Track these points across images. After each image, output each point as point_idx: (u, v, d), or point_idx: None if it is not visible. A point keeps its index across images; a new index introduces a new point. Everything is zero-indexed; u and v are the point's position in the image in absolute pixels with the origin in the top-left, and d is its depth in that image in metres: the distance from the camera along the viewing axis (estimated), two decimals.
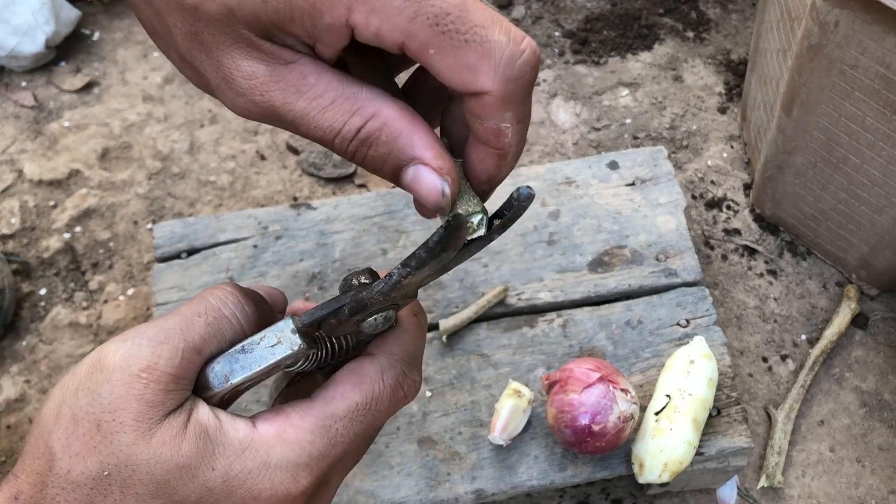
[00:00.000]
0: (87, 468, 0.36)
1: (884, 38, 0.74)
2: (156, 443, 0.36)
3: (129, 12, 1.33)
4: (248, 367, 0.39)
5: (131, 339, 0.38)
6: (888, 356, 1.00)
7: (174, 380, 0.37)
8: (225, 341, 0.39)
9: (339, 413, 0.40)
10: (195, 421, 0.37)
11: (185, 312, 0.39)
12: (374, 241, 0.93)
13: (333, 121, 0.36)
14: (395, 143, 0.36)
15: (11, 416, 0.97)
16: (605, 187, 0.97)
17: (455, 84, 0.34)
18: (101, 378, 0.37)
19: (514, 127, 0.36)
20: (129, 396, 0.36)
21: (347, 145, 0.36)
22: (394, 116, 0.36)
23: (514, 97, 0.35)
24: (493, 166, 0.37)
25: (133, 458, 0.36)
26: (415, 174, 0.37)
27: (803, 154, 0.94)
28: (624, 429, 0.74)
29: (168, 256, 0.93)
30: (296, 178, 1.15)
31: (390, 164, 0.37)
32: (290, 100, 0.35)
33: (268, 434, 0.38)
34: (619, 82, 1.24)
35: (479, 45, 0.33)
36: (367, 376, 0.41)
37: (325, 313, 0.39)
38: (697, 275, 0.91)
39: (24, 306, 1.05)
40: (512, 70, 0.34)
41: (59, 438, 0.36)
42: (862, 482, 0.93)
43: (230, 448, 0.37)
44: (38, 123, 1.21)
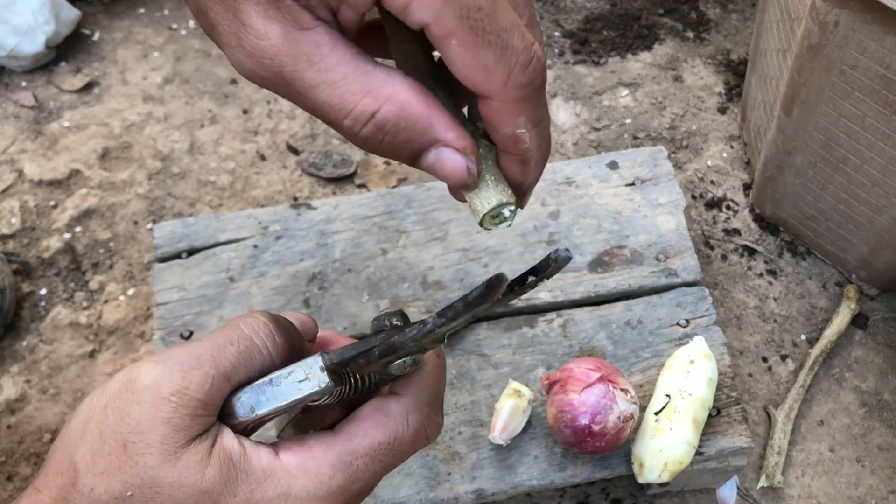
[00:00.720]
0: (111, 487, 0.36)
1: (884, 38, 0.74)
2: (181, 467, 0.36)
3: (129, 12, 1.33)
4: (274, 400, 0.39)
5: (163, 361, 0.38)
6: (888, 356, 1.00)
7: (202, 406, 0.37)
8: (254, 370, 0.40)
9: (361, 450, 0.40)
10: (220, 447, 0.37)
11: (218, 339, 0.39)
12: (374, 241, 0.93)
13: (344, 99, 0.34)
14: (414, 128, 0.35)
15: (11, 417, 0.97)
16: (605, 187, 0.97)
17: (466, 80, 0.34)
18: (131, 399, 0.37)
19: (532, 131, 0.36)
20: (157, 419, 0.36)
21: (360, 129, 0.35)
22: (410, 99, 0.35)
23: (525, 101, 0.34)
24: (519, 173, 0.37)
25: (157, 480, 0.36)
26: (437, 156, 0.36)
27: (803, 154, 0.94)
28: (624, 429, 0.75)
29: (168, 256, 0.93)
30: (296, 178, 1.15)
31: (409, 149, 0.36)
32: (299, 68, 0.34)
33: (290, 464, 0.39)
34: (619, 82, 1.24)
35: (500, 49, 0.33)
36: (392, 416, 0.41)
37: (355, 354, 0.39)
38: (697, 275, 0.91)
39: (25, 306, 1.05)
40: (523, 76, 0.34)
41: (85, 455, 0.37)
42: (862, 482, 0.93)
43: (252, 476, 0.38)
44: (39, 123, 1.21)
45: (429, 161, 0.36)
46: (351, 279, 0.91)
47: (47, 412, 0.97)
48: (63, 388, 0.99)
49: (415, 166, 0.37)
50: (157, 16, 1.33)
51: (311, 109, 0.35)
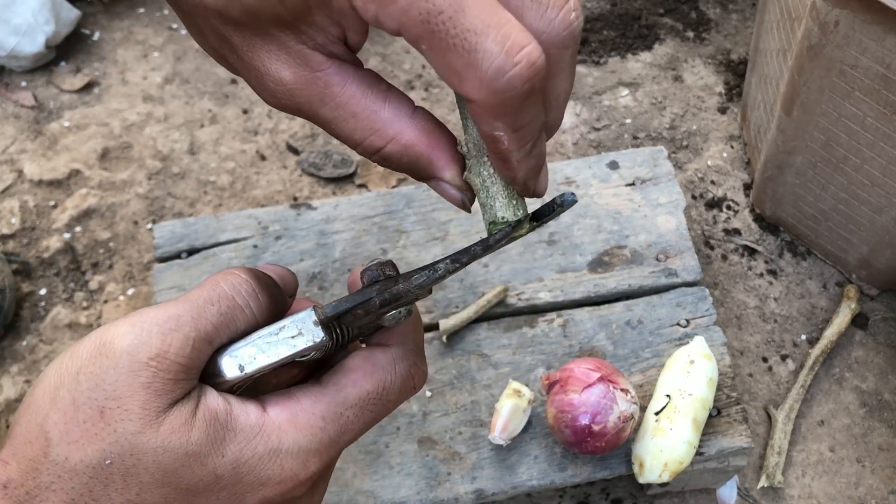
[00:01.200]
0: (87, 456, 0.35)
1: (884, 38, 0.74)
2: (164, 431, 0.35)
3: (129, 12, 1.33)
4: (265, 357, 0.38)
5: (140, 324, 0.37)
6: (888, 356, 1.00)
7: (184, 370, 0.36)
8: (237, 331, 0.39)
9: (350, 401, 0.39)
10: (205, 407, 0.36)
11: (197, 299, 0.38)
12: (374, 241, 0.93)
13: (353, 134, 0.37)
14: (416, 164, 0.37)
15: (11, 416, 0.97)
16: (605, 187, 0.97)
17: (446, 82, 0.34)
18: (107, 364, 0.36)
19: (511, 135, 0.34)
20: (136, 384, 0.35)
21: (371, 156, 0.38)
22: (413, 140, 0.37)
23: (501, 109, 0.33)
24: (504, 170, 0.37)
25: (139, 446, 0.35)
26: (436, 186, 0.39)
27: (803, 154, 0.94)
28: (624, 429, 0.74)
29: (168, 256, 0.93)
30: (296, 178, 1.15)
31: (414, 175, 0.39)
32: (314, 107, 0.36)
33: (279, 419, 0.38)
34: (619, 82, 1.24)
35: (466, 52, 0.31)
36: (380, 366, 0.41)
37: (351, 305, 0.38)
38: (697, 275, 0.91)
39: (24, 306, 1.05)
40: (499, 83, 0.31)
41: (57, 424, 0.35)
42: (862, 482, 0.93)
43: (241, 433, 0.37)
44: (38, 123, 1.21)
45: (432, 185, 0.39)
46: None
47: None
48: None
49: None
50: (157, 16, 1.33)
51: (334, 136, 0.38)
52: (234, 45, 0.36)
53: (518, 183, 0.37)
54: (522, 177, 0.37)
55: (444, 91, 1.24)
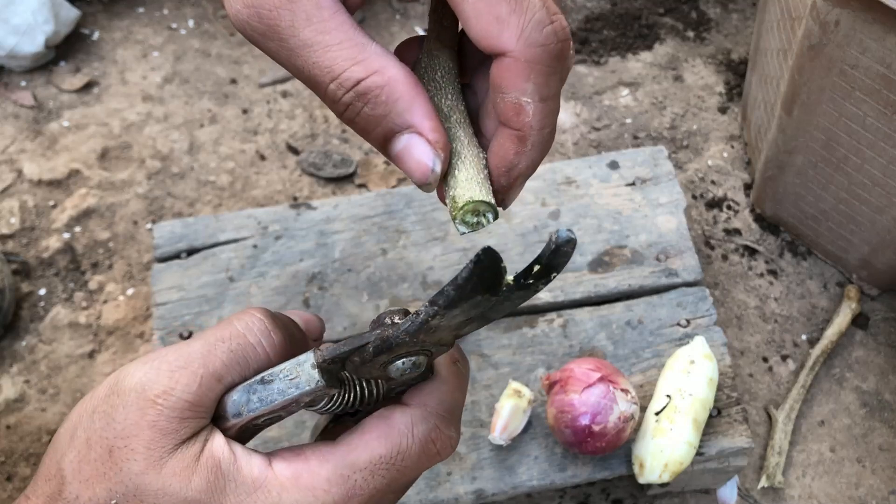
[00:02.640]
0: (96, 495, 0.35)
1: (884, 38, 0.74)
2: (166, 474, 0.35)
3: (128, 12, 1.33)
4: (265, 400, 0.37)
5: (151, 362, 0.37)
6: (889, 356, 1.00)
7: (190, 407, 0.36)
8: (249, 369, 0.38)
9: (359, 463, 0.37)
10: (208, 453, 0.36)
11: (209, 337, 0.38)
12: (374, 241, 0.93)
13: (334, 62, 0.34)
14: (395, 104, 0.34)
15: (11, 416, 0.97)
16: (605, 187, 0.96)
17: (479, 35, 0.33)
18: (118, 402, 0.36)
19: (536, 105, 0.34)
20: (142, 423, 0.35)
21: (342, 94, 0.34)
22: (398, 77, 0.34)
23: (536, 65, 0.33)
24: (512, 152, 0.35)
25: (141, 487, 0.35)
26: (407, 143, 0.35)
27: (804, 154, 0.94)
28: (624, 429, 0.74)
29: (168, 256, 0.93)
30: (295, 178, 1.15)
31: (384, 126, 0.35)
32: (297, 24, 0.33)
33: (282, 475, 0.36)
34: (620, 82, 1.24)
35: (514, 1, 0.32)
36: (396, 427, 0.38)
37: (346, 350, 0.37)
38: (698, 275, 0.90)
39: (24, 306, 1.05)
40: (539, 35, 0.32)
41: (72, 462, 0.36)
42: (862, 482, 0.93)
43: (241, 486, 0.36)
44: (38, 123, 1.21)
45: (398, 147, 0.35)
46: (351, 279, 0.91)
47: (47, 412, 0.97)
48: (62, 389, 0.99)
49: (384, 152, 0.36)
50: (157, 15, 1.33)
51: (299, 69, 0.35)
52: None
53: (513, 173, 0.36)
54: (522, 167, 0.36)
55: None
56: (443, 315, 0.33)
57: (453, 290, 0.32)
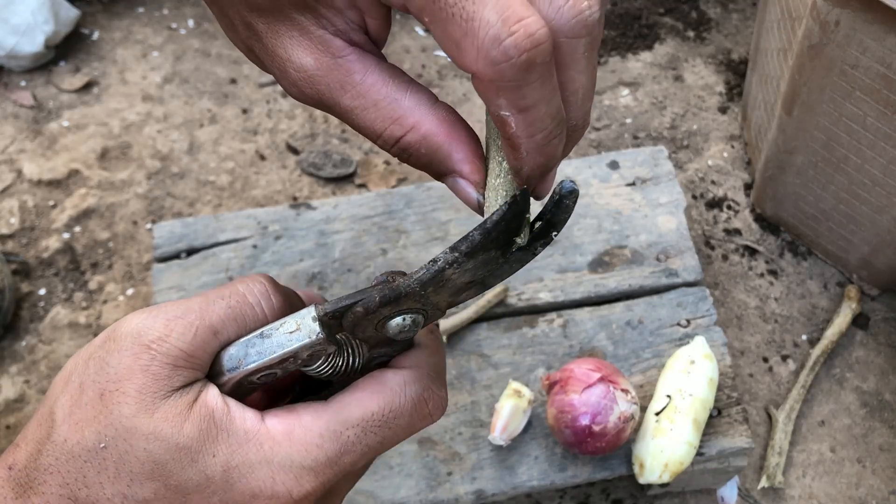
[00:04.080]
0: (85, 438, 0.35)
1: (884, 38, 0.74)
2: (157, 418, 0.35)
3: (128, 12, 1.33)
4: (263, 353, 0.37)
5: (149, 311, 0.37)
6: (889, 356, 1.00)
7: (184, 356, 0.36)
8: (245, 327, 0.38)
9: (352, 420, 0.38)
10: (202, 402, 0.36)
11: (210, 294, 0.38)
12: (373, 241, 0.93)
13: (374, 124, 0.36)
14: (434, 155, 0.37)
15: (11, 416, 0.97)
16: (605, 187, 0.96)
17: (449, 56, 0.33)
18: (112, 347, 0.36)
19: (516, 117, 0.33)
20: (135, 367, 0.35)
21: (390, 148, 0.37)
22: (433, 130, 0.36)
23: (502, 83, 0.32)
24: (513, 158, 0.36)
25: (132, 431, 0.35)
26: (453, 184, 0.37)
27: (804, 154, 0.94)
28: (624, 429, 0.74)
29: (167, 256, 0.93)
30: (295, 178, 1.15)
31: (431, 171, 0.38)
32: (335, 95, 0.36)
33: (275, 430, 0.37)
34: (620, 82, 1.24)
35: (464, 21, 0.31)
36: (388, 386, 0.39)
37: (351, 302, 0.37)
38: (698, 275, 0.90)
39: (24, 306, 1.05)
40: (496, 52, 0.31)
41: (63, 406, 0.36)
42: (863, 482, 0.93)
43: (234, 436, 0.36)
44: (38, 123, 1.20)
45: (449, 184, 0.38)
46: (351, 279, 0.91)
47: None
48: None
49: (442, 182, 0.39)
50: (157, 15, 1.33)
51: (353, 127, 0.37)
52: (259, 33, 0.36)
53: (522, 177, 0.36)
54: (528, 171, 0.36)
55: (445, 91, 1.24)
56: (460, 263, 0.33)
57: (479, 235, 0.32)
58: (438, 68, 1.27)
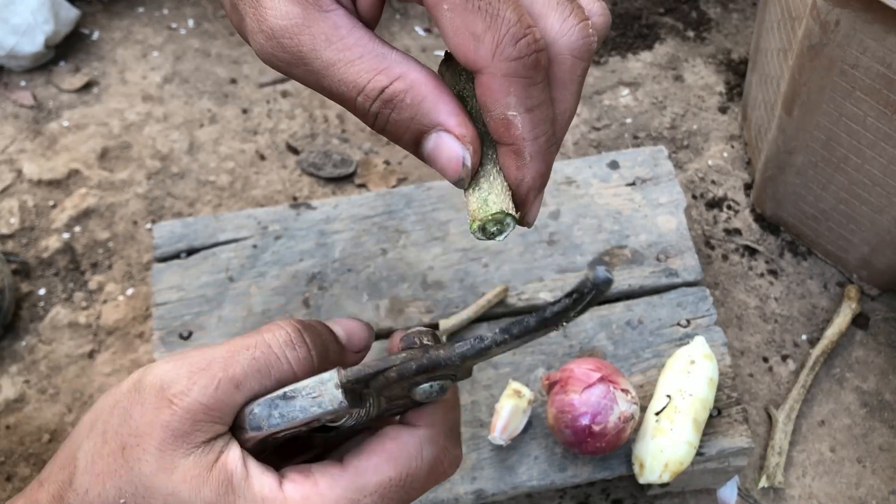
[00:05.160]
0: (105, 491, 0.35)
1: (884, 38, 0.74)
2: (177, 479, 0.35)
3: (128, 12, 1.33)
4: (286, 416, 0.36)
5: (174, 361, 0.37)
6: (889, 356, 1.00)
7: (205, 410, 0.36)
8: (270, 379, 0.38)
9: (370, 487, 0.37)
10: (221, 465, 0.36)
11: (235, 344, 0.38)
12: (374, 241, 0.93)
13: (358, 76, 0.35)
14: (420, 106, 0.35)
15: (11, 416, 0.97)
16: (605, 187, 0.96)
17: (457, 50, 0.34)
18: (137, 399, 0.36)
19: (523, 116, 0.34)
20: (156, 423, 0.35)
21: (370, 105, 0.36)
22: (420, 80, 0.35)
23: (515, 78, 0.33)
24: (514, 168, 0.36)
25: (151, 490, 0.35)
26: (436, 141, 0.36)
27: (804, 154, 0.94)
28: (624, 429, 0.74)
29: (167, 256, 0.93)
30: (295, 177, 1.15)
31: (412, 129, 0.36)
32: (318, 47, 0.35)
33: (292, 497, 0.36)
34: (620, 82, 1.24)
35: (489, 15, 0.32)
36: (405, 450, 0.38)
37: (371, 372, 0.36)
38: (698, 275, 0.90)
39: (24, 306, 1.05)
40: (513, 49, 0.32)
41: (86, 454, 0.36)
42: (863, 482, 0.93)
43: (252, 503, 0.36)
44: (38, 123, 1.20)
45: (429, 147, 0.36)
46: (351, 279, 0.91)
47: (46, 412, 0.97)
48: (62, 389, 0.99)
49: (417, 155, 0.37)
50: (157, 15, 1.33)
51: (326, 88, 0.36)
52: None
53: (522, 188, 0.36)
54: (529, 181, 0.36)
55: None
56: (507, 343, 0.33)
57: (535, 322, 0.31)
58: None
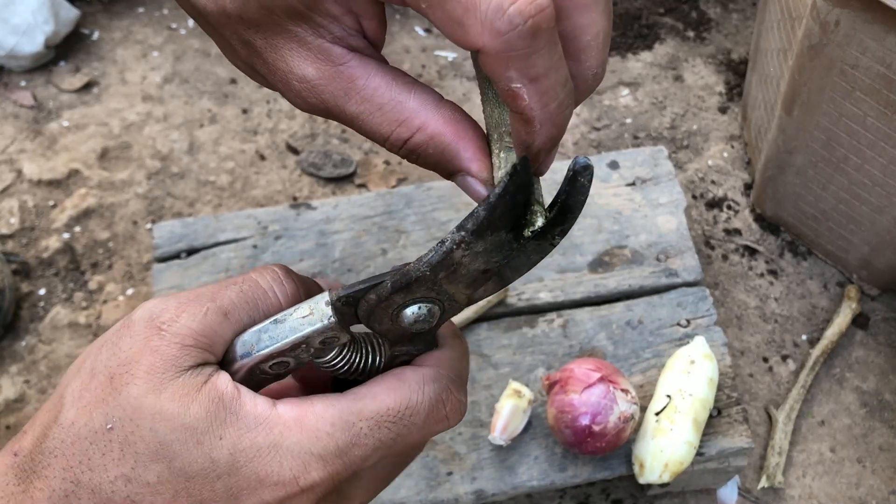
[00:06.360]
0: (91, 419, 0.35)
1: (884, 38, 0.74)
2: (164, 398, 0.35)
3: (128, 12, 1.33)
4: (275, 338, 0.36)
5: (162, 297, 0.37)
6: (889, 356, 1.00)
7: (193, 335, 0.36)
8: (258, 311, 0.38)
9: (366, 412, 0.37)
10: (211, 385, 0.36)
11: (224, 281, 0.38)
12: (373, 241, 0.93)
13: (380, 128, 0.36)
14: (443, 155, 0.37)
15: (11, 417, 0.97)
16: (605, 187, 0.96)
17: (451, 39, 0.33)
18: (125, 332, 0.36)
19: (528, 87, 0.33)
20: (145, 349, 0.35)
21: (398, 150, 0.37)
22: (440, 130, 0.36)
23: (511, 53, 0.31)
24: (523, 132, 0.35)
25: (139, 410, 0.34)
26: (462, 182, 0.38)
27: (804, 154, 0.94)
28: (624, 429, 0.74)
29: (167, 256, 0.93)
30: (295, 177, 1.15)
31: (440, 170, 0.38)
32: (340, 102, 0.36)
33: (286, 416, 0.36)
34: (620, 82, 1.24)
35: None
36: (406, 382, 0.38)
37: (362, 288, 0.36)
38: (698, 275, 0.90)
39: (24, 306, 1.05)
40: (500, 22, 0.30)
41: (73, 390, 0.36)
42: (862, 482, 0.93)
43: (243, 420, 0.35)
44: (38, 123, 1.20)
45: (459, 183, 0.38)
46: (351, 279, 0.91)
47: None
48: None
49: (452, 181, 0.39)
50: (157, 15, 1.33)
51: (362, 133, 0.37)
52: (258, 49, 0.36)
53: (531, 150, 0.35)
54: (539, 144, 0.35)
55: (445, 91, 1.24)
56: (468, 244, 0.32)
57: (484, 210, 0.31)
58: (438, 68, 1.27)
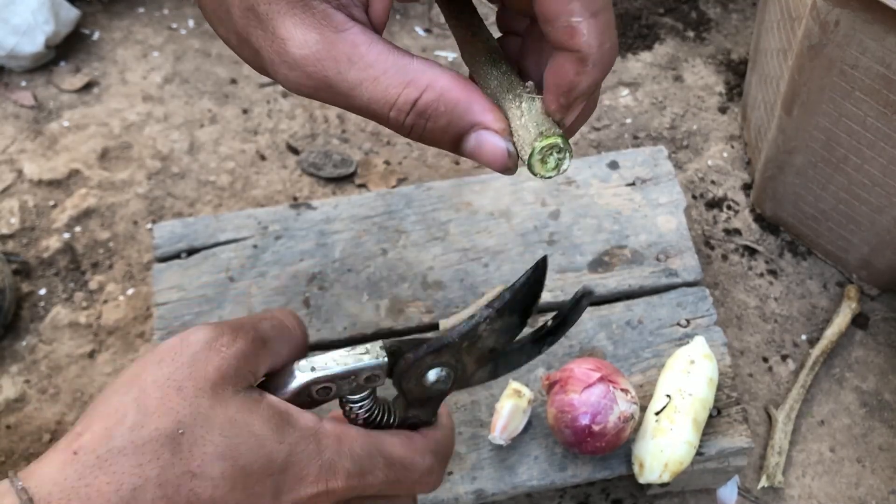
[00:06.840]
0: (162, 425, 0.37)
1: (884, 38, 0.74)
2: (232, 409, 0.38)
3: (128, 12, 1.33)
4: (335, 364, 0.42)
5: (209, 325, 0.41)
6: (889, 356, 1.00)
7: (245, 359, 0.40)
8: (286, 344, 0.43)
9: (384, 451, 0.43)
10: (268, 401, 0.40)
11: (256, 315, 0.43)
12: (374, 241, 0.93)
13: (387, 92, 0.36)
14: (454, 111, 0.36)
15: (11, 416, 0.97)
16: (605, 187, 0.96)
17: None
18: (186, 350, 0.39)
19: (589, 21, 0.33)
20: (209, 368, 0.39)
21: (404, 118, 0.36)
22: (448, 86, 0.36)
23: None
24: (573, 73, 0.35)
25: (210, 419, 0.38)
26: (477, 140, 0.37)
27: (804, 154, 0.94)
28: (624, 429, 0.74)
29: (168, 256, 0.93)
30: (296, 177, 1.15)
31: (451, 133, 0.37)
32: (342, 69, 0.35)
33: (330, 430, 0.42)
34: (620, 82, 1.24)
35: None
36: (415, 446, 0.45)
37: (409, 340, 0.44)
38: (698, 275, 0.90)
39: (24, 306, 1.05)
40: None
41: (136, 398, 0.38)
42: (862, 482, 0.93)
43: (300, 429, 0.40)
44: (38, 123, 1.21)
45: (470, 146, 0.37)
46: (351, 279, 0.91)
47: (47, 412, 0.97)
48: (62, 389, 0.99)
49: (458, 153, 0.38)
50: (157, 15, 1.33)
51: (357, 107, 0.37)
52: (261, 15, 0.36)
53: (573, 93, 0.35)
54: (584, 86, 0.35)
55: None
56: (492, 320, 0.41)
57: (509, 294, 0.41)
58: None
